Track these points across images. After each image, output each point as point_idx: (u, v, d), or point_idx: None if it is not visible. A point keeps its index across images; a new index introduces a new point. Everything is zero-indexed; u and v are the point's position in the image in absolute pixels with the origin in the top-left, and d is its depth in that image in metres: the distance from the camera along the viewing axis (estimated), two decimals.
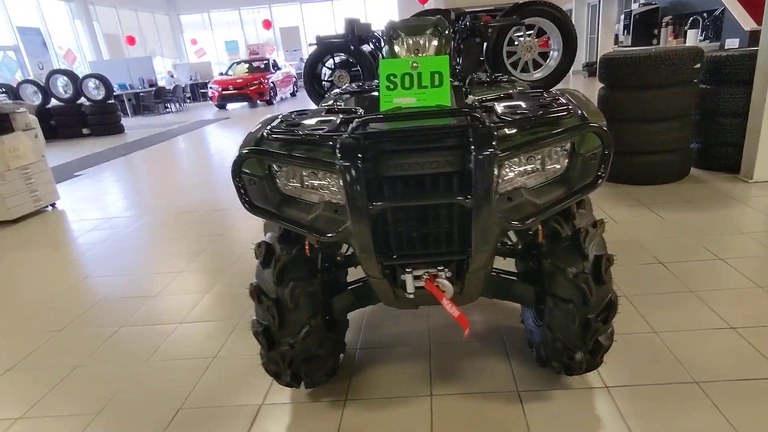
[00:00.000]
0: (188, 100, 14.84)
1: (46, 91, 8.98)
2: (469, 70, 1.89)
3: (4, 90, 8.92)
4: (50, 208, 4.31)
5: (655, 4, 8.52)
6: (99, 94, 8.94)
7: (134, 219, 3.82)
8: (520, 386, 1.62)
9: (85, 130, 9.31)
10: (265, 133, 1.32)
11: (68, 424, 1.61)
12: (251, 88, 12.14)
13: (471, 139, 1.18)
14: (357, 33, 2.12)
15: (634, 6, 9.30)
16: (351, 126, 1.27)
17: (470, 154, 1.16)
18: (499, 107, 1.33)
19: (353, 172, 1.19)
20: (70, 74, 9.06)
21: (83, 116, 9.24)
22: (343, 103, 1.74)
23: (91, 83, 8.96)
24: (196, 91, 15.42)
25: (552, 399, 1.56)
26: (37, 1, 12.09)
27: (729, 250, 2.37)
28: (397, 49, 1.68)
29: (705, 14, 7.14)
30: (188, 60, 17.54)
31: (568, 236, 1.47)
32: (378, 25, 1.92)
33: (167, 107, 12.93)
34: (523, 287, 1.67)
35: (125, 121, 9.92)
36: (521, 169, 1.31)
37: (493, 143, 1.17)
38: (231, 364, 1.86)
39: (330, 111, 1.50)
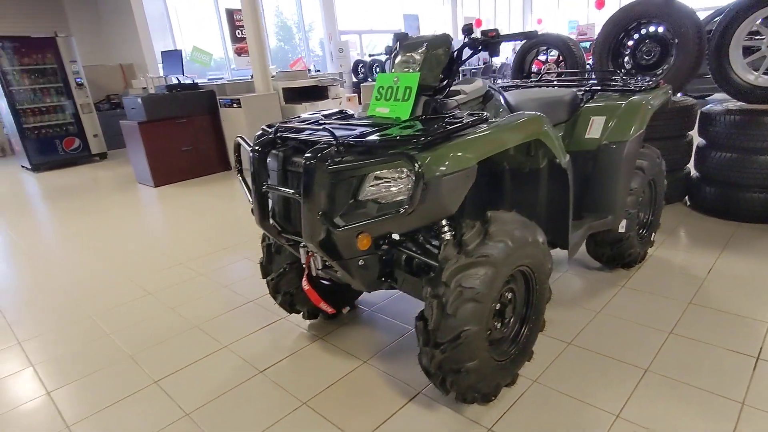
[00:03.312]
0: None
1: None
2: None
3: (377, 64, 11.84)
4: None
5: None
6: None
7: None
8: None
9: None
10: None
11: None
12: None
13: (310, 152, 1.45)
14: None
15: None
16: (274, 127, 1.69)
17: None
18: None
19: (254, 161, 1.69)
20: None
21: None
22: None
23: None
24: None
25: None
26: None
27: None
28: (395, 62, 1.83)
29: None
30: None
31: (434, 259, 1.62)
32: None
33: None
34: (412, 281, 1.77)
35: None
36: (372, 184, 1.50)
37: (318, 157, 1.43)
38: None
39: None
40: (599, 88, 2.59)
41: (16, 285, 3.28)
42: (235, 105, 5.70)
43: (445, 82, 1.89)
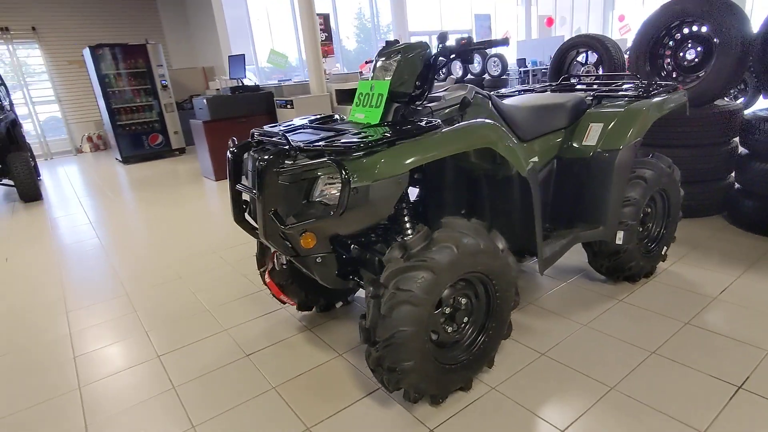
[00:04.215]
0: None
1: (465, 67, 11.44)
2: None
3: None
4: None
5: None
6: (496, 70, 10.76)
7: None
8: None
9: None
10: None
11: None
12: None
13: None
14: None
15: None
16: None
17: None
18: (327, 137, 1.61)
19: (229, 161, 1.82)
20: (482, 53, 11.19)
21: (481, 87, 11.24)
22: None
23: (494, 61, 10.84)
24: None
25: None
26: None
27: None
28: (374, 69, 1.85)
29: None
30: (611, 36, 17.29)
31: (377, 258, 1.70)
32: None
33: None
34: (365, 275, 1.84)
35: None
36: (323, 187, 1.56)
37: (268, 159, 1.53)
38: None
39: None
40: (606, 93, 2.45)
41: (79, 258, 3.72)
42: (288, 106, 5.97)
43: (419, 90, 1.91)
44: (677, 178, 2.49)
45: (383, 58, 1.86)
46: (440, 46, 1.94)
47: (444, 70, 12.20)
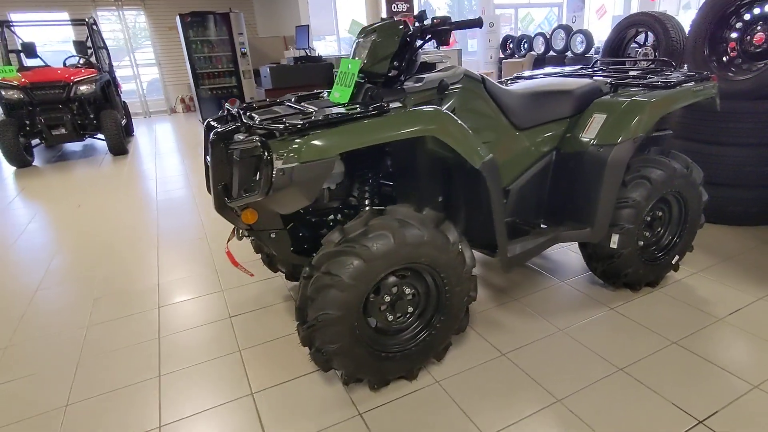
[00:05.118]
0: None
1: (548, 43, 10.66)
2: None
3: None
4: None
5: None
6: (581, 48, 9.90)
7: None
8: None
9: None
10: None
11: None
12: None
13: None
14: None
15: None
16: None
17: None
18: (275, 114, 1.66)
19: (204, 136, 1.86)
20: (566, 29, 10.33)
21: (562, 64, 10.46)
22: None
23: (578, 38, 9.97)
24: None
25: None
26: None
27: None
28: (355, 48, 1.82)
29: None
30: None
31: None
32: None
33: None
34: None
35: None
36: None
37: (217, 135, 1.56)
38: None
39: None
40: (622, 80, 2.18)
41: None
42: None
43: (395, 71, 1.83)
44: (697, 180, 2.17)
45: (362, 37, 1.80)
46: (416, 25, 1.83)
47: (525, 46, 11.48)
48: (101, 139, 6.78)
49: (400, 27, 1.78)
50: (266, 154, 1.43)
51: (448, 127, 1.62)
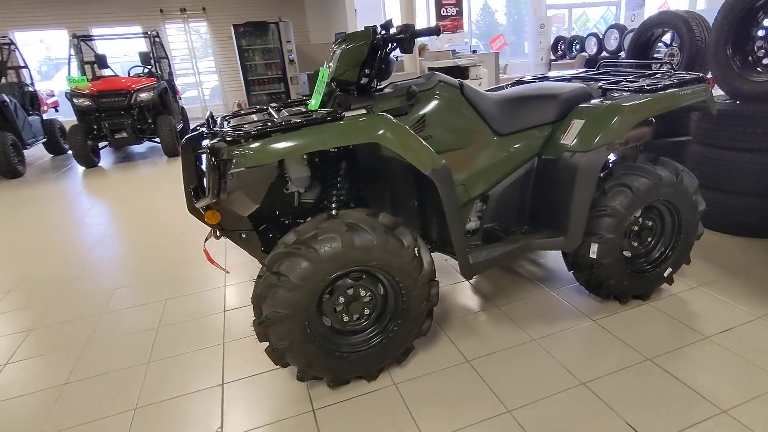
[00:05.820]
0: None
1: (601, 43, 10.16)
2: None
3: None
4: None
5: None
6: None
7: None
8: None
9: None
10: None
11: None
12: None
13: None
14: None
15: None
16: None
17: None
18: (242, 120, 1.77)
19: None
20: (620, 28, 9.80)
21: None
22: None
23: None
24: None
25: None
26: None
27: None
28: (332, 56, 1.83)
29: None
30: None
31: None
32: None
33: None
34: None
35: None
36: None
37: (186, 140, 1.64)
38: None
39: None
40: (610, 85, 2.08)
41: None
42: None
43: (366, 78, 1.86)
44: (689, 188, 2.02)
45: (335, 46, 1.84)
46: (382, 33, 1.85)
47: (576, 47, 11.02)
48: (158, 142, 7.27)
49: (368, 36, 1.80)
50: (213, 159, 1.50)
51: (392, 135, 1.62)
